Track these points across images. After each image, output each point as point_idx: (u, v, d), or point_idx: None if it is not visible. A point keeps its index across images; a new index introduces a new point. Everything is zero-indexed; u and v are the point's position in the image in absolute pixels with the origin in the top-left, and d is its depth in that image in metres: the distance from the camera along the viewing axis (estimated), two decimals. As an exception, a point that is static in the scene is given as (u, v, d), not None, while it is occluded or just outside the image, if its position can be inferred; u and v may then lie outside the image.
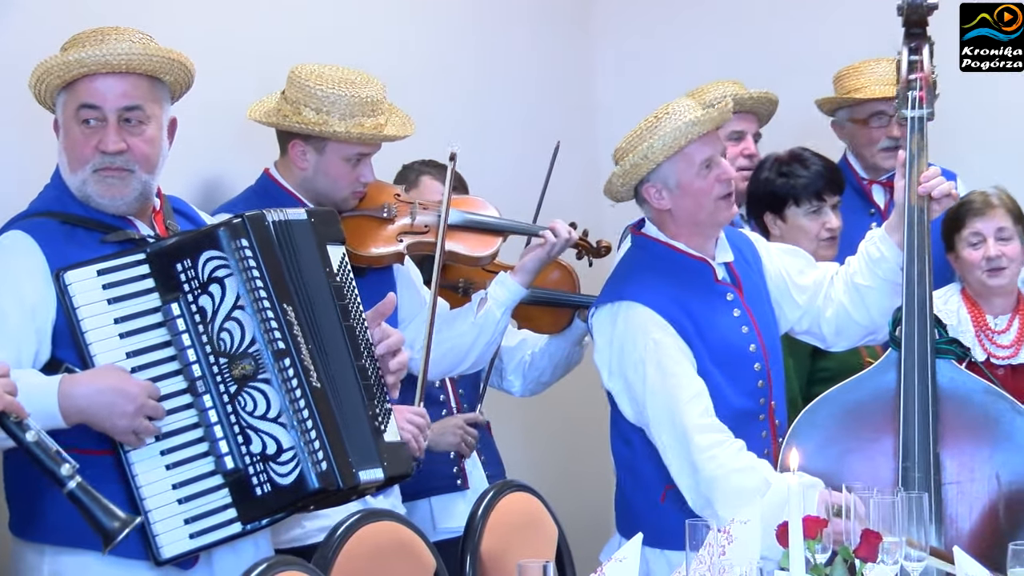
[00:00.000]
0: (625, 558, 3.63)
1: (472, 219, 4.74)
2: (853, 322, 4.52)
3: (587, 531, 4.98)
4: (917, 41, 4.50)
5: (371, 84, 4.40)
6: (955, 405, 4.26)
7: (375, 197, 4.57)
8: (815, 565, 3.65)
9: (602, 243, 4.96)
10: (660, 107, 4.34)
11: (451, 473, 4.92)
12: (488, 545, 4.09)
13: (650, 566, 4.26)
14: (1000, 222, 4.85)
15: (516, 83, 6.16)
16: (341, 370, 3.76)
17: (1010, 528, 4.13)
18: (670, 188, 4.32)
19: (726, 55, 6.26)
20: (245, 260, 3.65)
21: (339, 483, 3.61)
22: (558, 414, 5.92)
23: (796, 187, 4.98)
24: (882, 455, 4.26)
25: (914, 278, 4.32)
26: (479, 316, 4.64)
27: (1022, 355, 4.88)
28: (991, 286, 4.89)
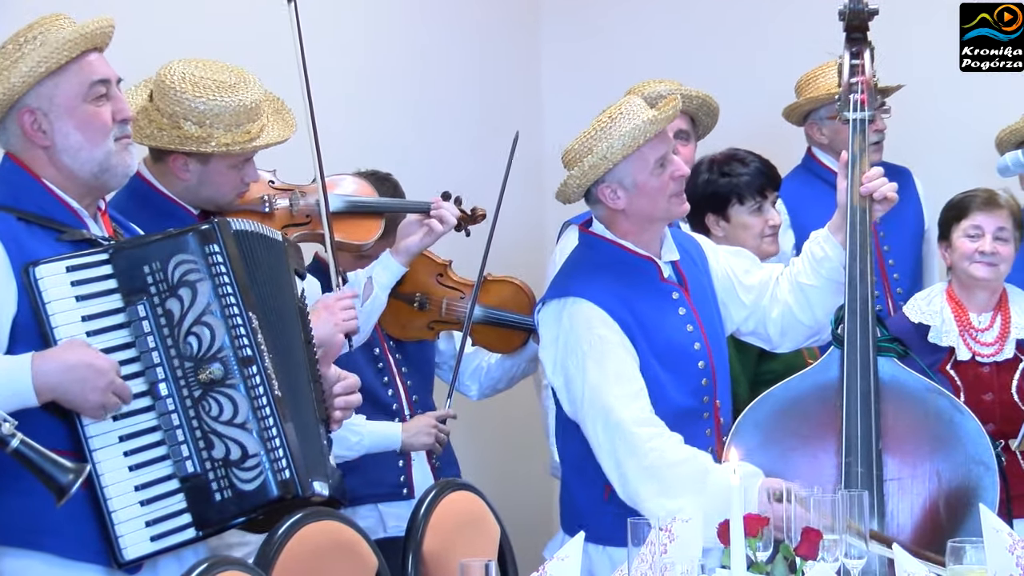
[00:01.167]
0: (567, 556, 3.63)
1: (352, 201, 4.68)
2: (798, 322, 4.54)
3: (529, 530, 4.99)
4: (858, 45, 4.51)
5: (249, 85, 4.24)
6: (896, 402, 4.28)
7: (252, 190, 4.46)
8: (756, 563, 3.67)
9: (477, 211, 4.93)
10: (609, 108, 4.34)
11: (398, 481, 4.92)
12: (430, 545, 4.08)
13: (593, 563, 4.26)
14: (1002, 221, 4.89)
15: (462, 83, 6.17)
16: (299, 384, 3.80)
17: (950, 525, 4.16)
18: (626, 188, 4.32)
19: (671, 55, 6.28)
20: (216, 266, 3.66)
21: (299, 491, 3.63)
22: (500, 413, 5.93)
23: (740, 185, 5.00)
24: (824, 452, 4.27)
25: (856, 277, 4.33)
26: (367, 304, 4.64)
27: (1006, 351, 4.89)
28: (978, 278, 4.92)
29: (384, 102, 5.68)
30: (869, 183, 4.38)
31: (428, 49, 6.00)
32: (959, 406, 4.27)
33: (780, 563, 3.69)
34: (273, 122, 4.32)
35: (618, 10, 6.61)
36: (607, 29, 6.61)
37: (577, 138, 4.33)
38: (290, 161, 4.55)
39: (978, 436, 4.22)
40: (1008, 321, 4.91)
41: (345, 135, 5.00)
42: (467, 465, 5.19)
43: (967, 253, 4.89)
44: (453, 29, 6.16)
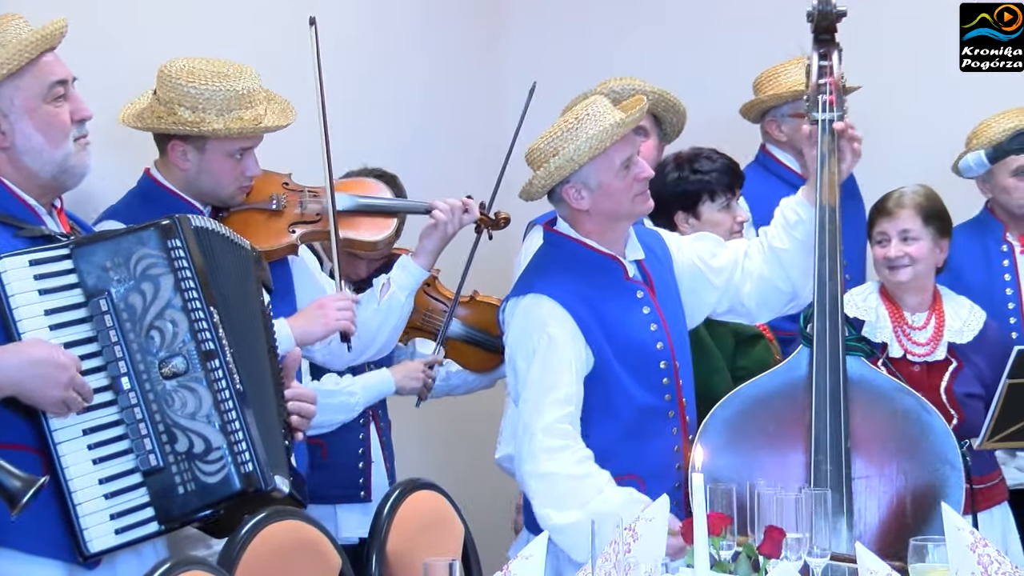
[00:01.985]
0: (531, 555, 3.63)
1: (363, 202, 4.68)
2: (775, 289, 4.55)
3: (494, 529, 4.99)
4: (826, 47, 4.52)
5: (245, 75, 4.29)
6: (864, 401, 4.30)
7: (262, 189, 4.48)
8: (719, 561, 3.67)
9: (500, 215, 4.89)
10: (575, 108, 4.34)
11: (357, 483, 4.92)
12: (394, 544, 4.08)
13: (560, 563, 4.26)
14: (904, 224, 4.88)
15: (425, 81, 6.16)
16: (261, 382, 3.82)
17: (916, 523, 4.17)
18: (590, 188, 4.32)
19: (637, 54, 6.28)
20: (178, 260, 3.68)
21: (261, 485, 3.64)
22: (465, 412, 5.92)
23: (710, 182, 5.01)
24: (792, 450, 4.28)
25: (825, 276, 4.34)
26: (383, 302, 4.62)
27: (938, 352, 4.89)
28: (892, 283, 4.94)
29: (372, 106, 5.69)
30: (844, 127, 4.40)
31: (395, 51, 6.00)
32: (926, 405, 4.28)
33: (744, 562, 3.70)
34: (270, 112, 4.33)
35: (585, 10, 6.61)
36: (573, 29, 6.61)
37: (542, 137, 4.33)
38: (303, 166, 4.59)
39: (945, 436, 4.24)
40: (942, 323, 4.92)
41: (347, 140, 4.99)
42: (431, 464, 5.20)
43: (878, 260, 4.94)
44: (416, 30, 6.16)
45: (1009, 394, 4.24)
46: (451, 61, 6.33)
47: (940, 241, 4.90)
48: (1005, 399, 4.25)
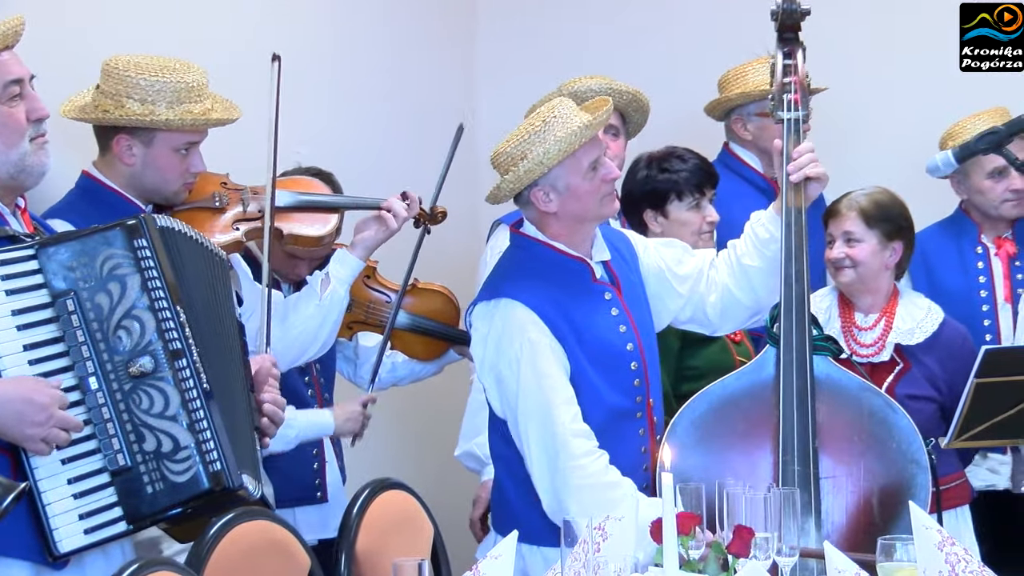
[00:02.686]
0: (500, 555, 3.64)
1: (304, 199, 4.68)
2: (738, 303, 4.56)
3: (463, 529, 4.98)
4: (791, 45, 4.52)
5: (192, 69, 4.28)
6: (831, 401, 4.31)
7: (203, 188, 4.46)
8: (688, 561, 3.68)
9: (437, 209, 4.92)
10: (540, 110, 4.32)
11: (313, 484, 4.91)
12: (363, 544, 4.08)
13: (526, 563, 4.26)
14: (847, 226, 4.91)
15: (398, 83, 6.15)
16: (232, 382, 3.83)
17: (884, 522, 4.18)
18: (558, 191, 4.31)
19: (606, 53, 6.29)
20: (144, 260, 3.68)
21: (229, 483, 3.64)
22: (433, 411, 5.92)
23: (679, 182, 5.01)
24: (760, 450, 4.29)
25: (792, 276, 4.35)
26: (324, 297, 4.61)
27: (884, 354, 4.91)
28: (838, 283, 4.99)
29: (320, 101, 5.67)
30: (796, 171, 4.39)
31: (362, 48, 5.99)
32: (893, 405, 4.30)
33: (712, 561, 3.70)
34: (216, 107, 4.31)
35: (553, 10, 6.62)
36: (542, 28, 6.61)
37: (508, 140, 4.31)
38: (241, 165, 4.56)
39: (911, 434, 4.25)
40: (891, 324, 4.94)
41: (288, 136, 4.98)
42: (400, 464, 5.19)
43: (826, 260, 4.98)
44: (388, 28, 6.15)
45: (976, 393, 4.25)
46: (423, 63, 6.32)
47: (890, 243, 4.91)
48: (972, 398, 4.27)
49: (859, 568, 3.56)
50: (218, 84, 4.39)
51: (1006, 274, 5.40)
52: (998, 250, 5.43)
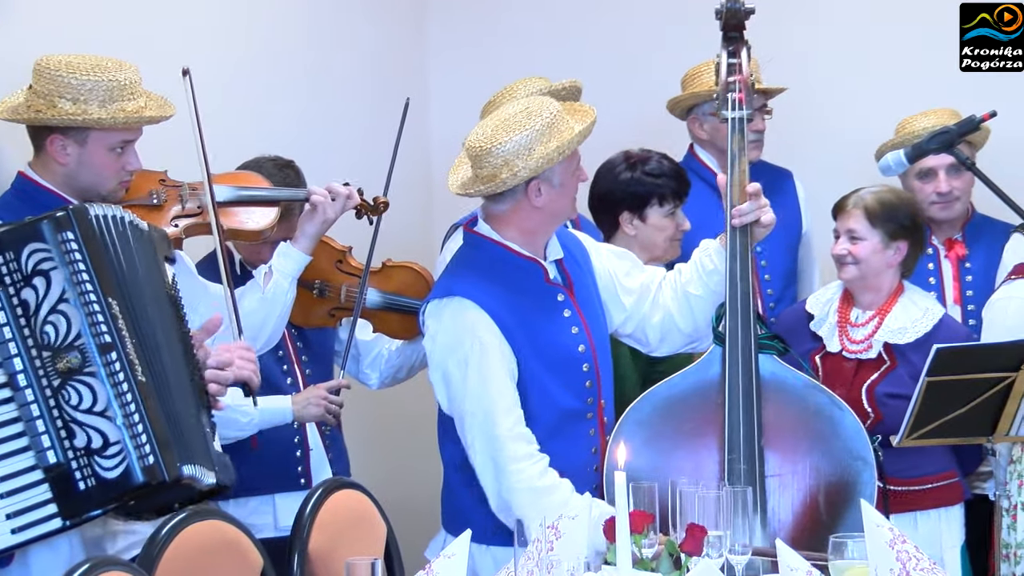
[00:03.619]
0: (454, 555, 3.64)
1: (243, 194, 4.66)
2: (678, 329, 4.57)
3: (417, 528, 4.97)
4: (735, 44, 4.53)
5: (125, 68, 4.21)
6: (777, 399, 4.33)
7: (140, 185, 4.42)
8: (641, 559, 3.69)
9: (379, 200, 4.92)
10: (532, 107, 4.30)
11: (295, 472, 4.89)
12: (316, 543, 4.07)
13: (475, 562, 4.27)
14: (851, 223, 4.94)
15: (349, 76, 6.14)
16: (171, 368, 3.77)
17: (830, 520, 4.20)
18: (552, 185, 4.33)
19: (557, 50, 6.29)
20: (70, 253, 3.63)
21: (164, 476, 3.60)
22: (385, 411, 5.91)
23: (661, 186, 5.00)
24: (707, 449, 4.31)
25: (736, 275, 4.37)
26: (267, 290, 4.60)
27: (870, 352, 4.95)
28: (840, 278, 5.01)
29: (272, 93, 5.65)
30: (740, 216, 4.40)
31: (315, 43, 5.97)
32: (838, 402, 4.33)
33: (665, 559, 3.72)
34: (150, 104, 4.25)
35: (505, 8, 6.62)
36: (494, 27, 6.61)
37: (506, 132, 4.25)
38: (179, 162, 4.51)
39: (856, 431, 4.28)
40: (882, 323, 4.98)
41: (231, 129, 4.96)
42: (355, 463, 5.17)
43: (832, 256, 4.99)
44: (339, 24, 6.14)
45: (928, 392, 4.29)
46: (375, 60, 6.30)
47: (893, 243, 4.94)
48: (924, 397, 4.30)
49: (811, 566, 3.58)
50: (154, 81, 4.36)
51: (955, 276, 5.44)
52: (948, 252, 5.46)
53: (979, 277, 5.12)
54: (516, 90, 5.30)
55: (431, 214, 6.00)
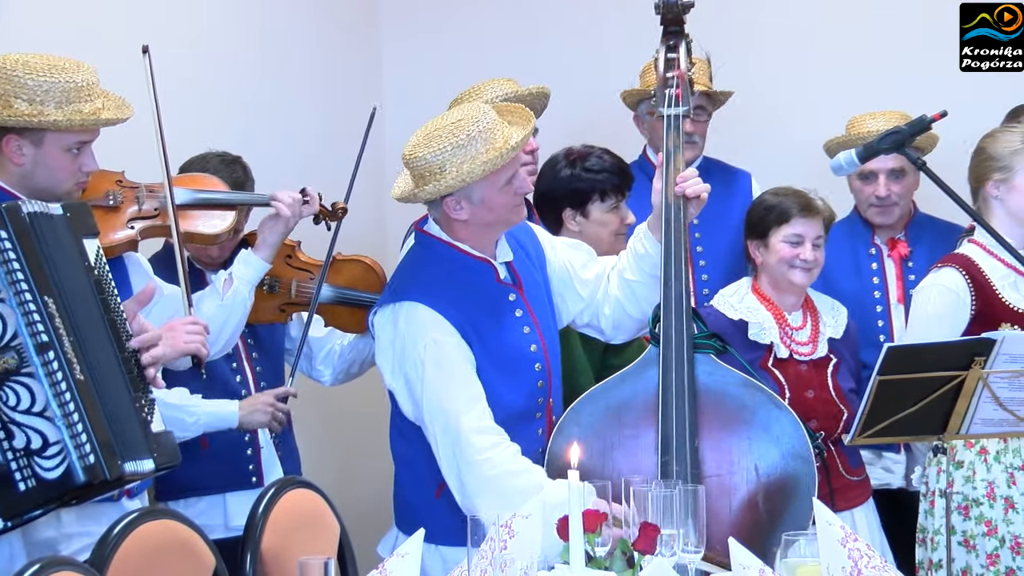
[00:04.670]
0: (407, 554, 3.63)
1: (201, 197, 4.65)
2: (627, 316, 4.59)
3: (370, 527, 4.95)
4: (674, 40, 4.54)
5: (82, 68, 4.17)
6: (714, 398, 4.33)
7: (97, 186, 4.40)
8: (595, 558, 3.70)
9: (337, 205, 4.93)
10: (463, 120, 4.25)
11: (246, 470, 4.87)
12: (269, 543, 4.04)
13: (425, 562, 4.25)
14: (819, 230, 4.98)
15: (303, 79, 6.12)
16: (104, 362, 3.72)
17: (769, 519, 4.22)
18: (472, 203, 4.30)
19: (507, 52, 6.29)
20: (4, 252, 3.59)
21: (106, 476, 3.58)
22: (337, 410, 5.90)
23: (602, 182, 5.01)
24: (644, 450, 4.31)
25: (671, 275, 4.38)
26: (227, 297, 4.60)
27: (819, 350, 5.00)
28: (795, 283, 5.01)
29: (226, 97, 5.63)
30: (683, 182, 4.42)
31: (269, 46, 5.95)
32: (776, 400, 4.35)
33: (618, 558, 3.72)
34: (107, 106, 4.21)
35: (457, 8, 6.61)
36: (447, 28, 6.60)
37: (427, 144, 4.24)
38: (137, 163, 4.50)
39: (795, 430, 4.28)
40: (818, 321, 5.03)
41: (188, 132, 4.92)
42: (307, 462, 5.15)
43: (787, 258, 4.98)
44: (293, 28, 6.11)
45: (879, 391, 4.33)
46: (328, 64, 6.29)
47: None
48: (875, 396, 4.34)
49: (763, 564, 3.60)
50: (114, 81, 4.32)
51: (899, 275, 5.50)
52: (891, 251, 5.52)
53: (922, 276, 5.17)
54: (482, 91, 5.31)
55: (384, 215, 5.98)
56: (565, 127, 5.53)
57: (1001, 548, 4.83)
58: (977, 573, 4.83)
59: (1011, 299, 4.91)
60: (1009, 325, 4.84)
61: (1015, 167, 4.92)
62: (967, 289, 4.89)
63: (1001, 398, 4.42)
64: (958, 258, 4.96)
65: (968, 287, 4.89)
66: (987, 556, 4.84)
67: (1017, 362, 4.36)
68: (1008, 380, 4.39)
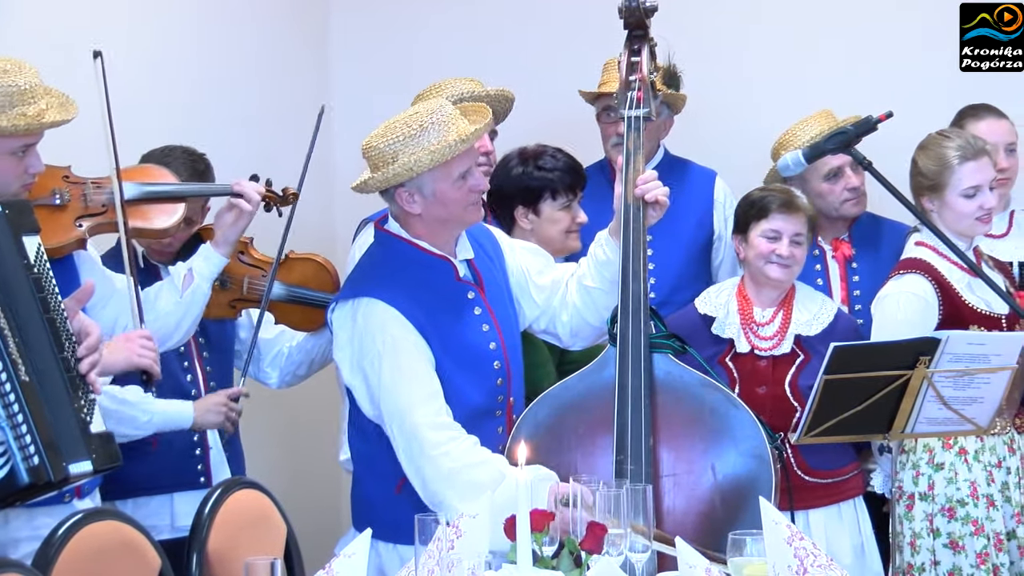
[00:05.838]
0: (354, 554, 3.63)
1: (149, 190, 4.63)
2: (586, 323, 4.59)
3: (317, 527, 4.97)
4: (637, 43, 4.55)
5: (24, 71, 4.14)
6: (671, 398, 4.33)
7: (43, 184, 4.36)
8: (542, 558, 3.69)
9: (288, 190, 4.94)
10: (419, 111, 4.29)
11: (195, 470, 4.87)
12: (215, 543, 4.04)
13: (383, 560, 4.27)
14: (799, 227, 4.99)
15: (252, 79, 6.12)
16: (45, 363, 3.70)
17: (727, 519, 4.19)
18: (424, 195, 4.30)
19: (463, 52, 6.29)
20: None
21: (50, 477, 3.57)
22: (286, 411, 5.89)
23: (553, 180, 5.04)
24: (600, 450, 4.31)
25: (629, 275, 4.38)
26: (186, 294, 4.60)
27: (784, 346, 5.00)
28: (771, 278, 5.01)
29: (174, 95, 5.63)
30: (643, 184, 4.43)
31: (218, 42, 5.95)
32: (733, 400, 4.34)
33: (566, 557, 3.72)
34: (51, 107, 4.19)
35: (406, 6, 6.61)
36: (397, 26, 6.60)
37: (383, 135, 4.28)
38: (85, 157, 4.48)
39: (752, 429, 4.28)
40: (789, 317, 5.03)
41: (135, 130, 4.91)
42: (255, 462, 5.15)
43: (764, 253, 4.99)
44: (242, 23, 6.11)
45: (825, 390, 4.34)
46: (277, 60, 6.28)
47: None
48: (821, 394, 4.35)
49: (709, 563, 3.60)
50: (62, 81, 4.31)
51: (843, 276, 5.50)
52: (835, 252, 5.52)
53: (866, 277, 5.19)
54: (444, 88, 5.31)
55: (333, 212, 5.98)
56: (524, 128, 5.53)
57: (988, 546, 4.84)
58: (967, 573, 4.84)
59: (972, 301, 4.93)
60: (976, 327, 4.86)
61: (946, 184, 4.95)
62: (934, 294, 4.90)
63: (945, 397, 4.45)
64: (919, 263, 4.97)
65: (935, 292, 4.90)
66: (976, 555, 4.84)
67: (961, 361, 4.39)
68: (952, 379, 4.42)
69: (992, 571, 4.82)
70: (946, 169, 4.95)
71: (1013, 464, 4.94)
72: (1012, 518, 4.90)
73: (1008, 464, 4.93)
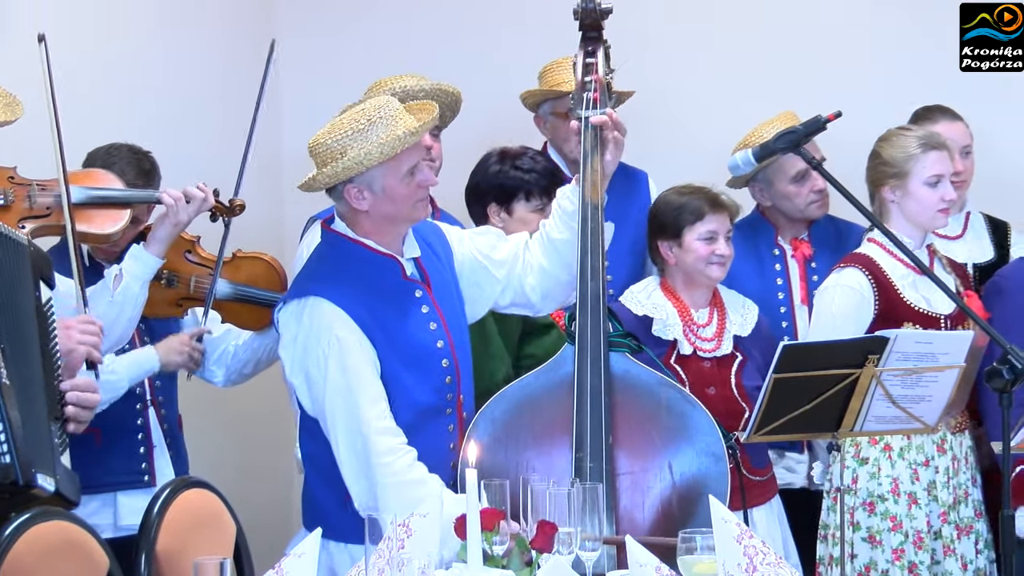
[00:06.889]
0: (304, 553, 3.63)
1: (95, 195, 4.62)
2: (556, 280, 4.57)
3: (267, 527, 4.96)
4: (592, 44, 4.57)
5: None
6: (629, 396, 4.35)
7: None
8: (492, 556, 3.70)
9: (235, 202, 4.94)
10: (365, 106, 4.30)
11: (139, 469, 4.85)
12: (164, 543, 4.01)
13: (334, 560, 4.27)
14: (728, 223, 5.02)
15: (200, 78, 6.10)
16: (31, 377, 3.74)
17: (683, 517, 4.22)
18: (373, 191, 4.31)
19: (412, 50, 6.28)
20: None
21: (18, 477, 3.58)
22: (236, 409, 5.87)
23: (530, 182, 5.07)
24: (558, 449, 4.32)
25: (587, 272, 4.39)
26: (117, 294, 4.59)
27: (724, 347, 5.01)
28: (714, 278, 5.02)
29: (125, 92, 5.62)
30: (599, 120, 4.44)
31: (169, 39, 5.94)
32: (690, 399, 4.36)
33: (516, 556, 3.72)
34: None
35: (355, 9, 6.60)
36: (345, 24, 6.59)
37: (329, 131, 4.29)
38: (32, 159, 4.47)
39: (708, 428, 4.31)
40: (724, 317, 5.04)
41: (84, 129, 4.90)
42: (204, 461, 5.14)
43: (704, 256, 4.98)
44: (191, 24, 6.09)
45: (775, 388, 4.35)
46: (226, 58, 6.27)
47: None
48: (771, 393, 4.36)
49: (659, 562, 3.60)
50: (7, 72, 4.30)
51: (802, 276, 5.51)
52: (795, 252, 5.53)
53: (825, 277, 5.19)
54: (389, 83, 5.29)
55: (282, 213, 5.97)
56: (466, 129, 5.52)
57: (906, 542, 4.88)
58: (882, 568, 4.89)
59: (912, 299, 4.97)
60: (911, 324, 4.90)
61: (910, 172, 4.98)
62: (871, 288, 4.94)
63: (894, 395, 4.46)
64: (860, 258, 5.02)
65: (872, 287, 4.94)
66: (892, 551, 4.90)
67: (909, 360, 4.41)
68: (900, 378, 4.43)
69: (908, 568, 4.87)
70: (910, 157, 5.00)
71: (942, 464, 4.99)
72: (938, 517, 4.94)
73: (936, 463, 4.98)
